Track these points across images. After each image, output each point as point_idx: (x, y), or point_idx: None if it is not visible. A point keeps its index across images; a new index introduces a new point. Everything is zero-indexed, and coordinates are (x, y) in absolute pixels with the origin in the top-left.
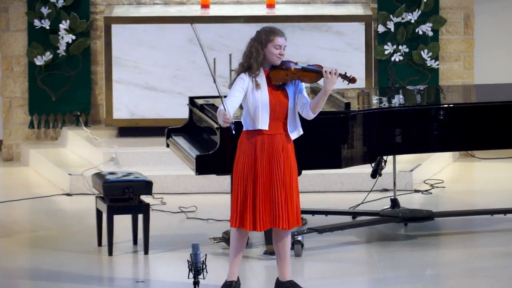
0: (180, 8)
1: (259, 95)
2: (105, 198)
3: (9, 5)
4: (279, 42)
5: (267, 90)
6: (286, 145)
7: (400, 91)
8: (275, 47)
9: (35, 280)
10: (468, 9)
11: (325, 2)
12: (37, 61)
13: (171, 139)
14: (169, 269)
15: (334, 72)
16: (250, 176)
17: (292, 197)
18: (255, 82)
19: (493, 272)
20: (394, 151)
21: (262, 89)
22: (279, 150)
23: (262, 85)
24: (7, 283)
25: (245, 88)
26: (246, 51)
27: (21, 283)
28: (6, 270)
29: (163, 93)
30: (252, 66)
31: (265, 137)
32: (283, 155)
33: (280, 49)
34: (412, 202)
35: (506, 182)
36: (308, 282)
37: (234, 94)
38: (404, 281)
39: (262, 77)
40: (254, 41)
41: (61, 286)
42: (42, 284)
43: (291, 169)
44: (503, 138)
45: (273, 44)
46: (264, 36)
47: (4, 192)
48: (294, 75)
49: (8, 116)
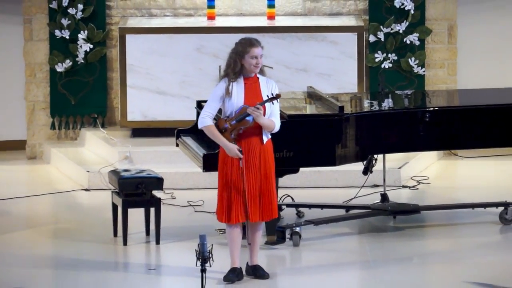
0: (188, 19)
1: (235, 101)
2: (120, 193)
3: (32, 16)
4: (255, 53)
5: (243, 97)
6: (262, 147)
7: (389, 96)
8: (252, 58)
9: (57, 267)
10: (452, 20)
11: (321, 14)
12: (58, 68)
13: (180, 139)
14: (179, 257)
15: (257, 107)
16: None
17: (269, 192)
18: (230, 89)
19: (474, 260)
20: (383, 150)
21: (238, 96)
22: (256, 151)
23: (239, 92)
24: (32, 270)
25: (222, 96)
26: (226, 61)
27: (45, 270)
28: (31, 258)
29: (172, 97)
30: (229, 75)
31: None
32: (260, 156)
33: (257, 59)
34: (400, 197)
35: (486, 179)
36: (306, 269)
37: (213, 104)
38: (392, 269)
39: (241, 85)
40: (233, 52)
41: (81, 272)
42: (64, 271)
43: (267, 167)
44: (483, 138)
45: (249, 55)
46: (241, 48)
47: (28, 188)
48: (235, 128)
49: (31, 118)
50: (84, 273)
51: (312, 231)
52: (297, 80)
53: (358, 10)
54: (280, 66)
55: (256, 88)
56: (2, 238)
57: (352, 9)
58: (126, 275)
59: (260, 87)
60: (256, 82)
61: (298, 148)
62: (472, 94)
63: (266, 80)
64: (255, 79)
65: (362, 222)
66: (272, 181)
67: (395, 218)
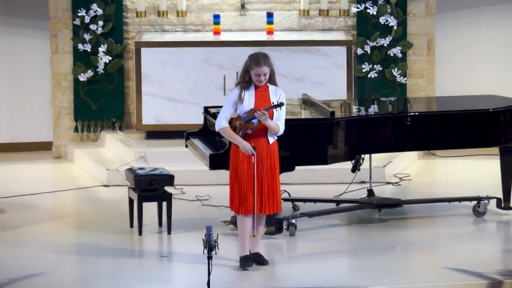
0: (197, 34)
1: (246, 106)
2: (135, 189)
3: (58, 32)
4: (257, 72)
5: (253, 103)
6: (268, 147)
7: (375, 102)
8: (255, 75)
9: (80, 254)
10: (430, 35)
11: (314, 29)
12: (81, 77)
13: (189, 141)
14: (188, 246)
15: (263, 112)
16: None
17: (274, 188)
18: (242, 96)
19: (450, 249)
20: (370, 150)
21: (249, 102)
22: (264, 151)
23: (250, 98)
24: (57, 258)
25: (235, 101)
26: (241, 70)
27: (68, 257)
28: (56, 246)
29: (182, 104)
30: (241, 84)
31: (250, 139)
32: (267, 155)
33: (259, 77)
34: (384, 192)
35: (461, 176)
36: (301, 256)
37: (227, 109)
38: (377, 256)
39: (252, 92)
40: (244, 64)
41: (100, 259)
42: (85, 258)
43: (273, 166)
44: (458, 140)
45: (253, 72)
46: (248, 63)
47: (54, 184)
48: (243, 128)
49: (57, 122)
50: (104, 260)
51: (306, 223)
52: (293, 88)
53: (347, 26)
54: (278, 76)
55: (266, 96)
56: (31, 229)
57: (342, 25)
58: (141, 261)
59: (270, 95)
60: (266, 90)
61: (294, 148)
62: (448, 100)
63: (275, 89)
64: (265, 87)
65: (351, 215)
66: (277, 178)
67: (380, 211)
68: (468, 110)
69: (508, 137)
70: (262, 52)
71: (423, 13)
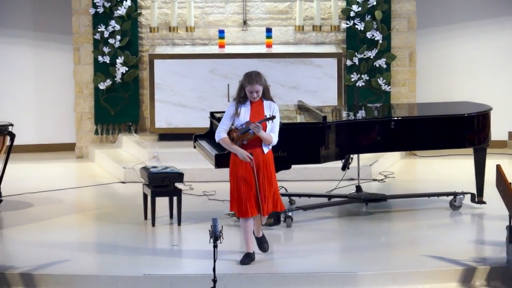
0: (204, 47)
1: (242, 119)
2: (149, 185)
3: (80, 45)
4: (251, 89)
5: (249, 117)
6: (263, 156)
7: (362, 108)
8: (248, 91)
9: (99, 243)
10: (412, 48)
11: (308, 43)
12: (100, 86)
13: (197, 142)
14: (195, 236)
15: (257, 125)
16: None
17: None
18: (238, 111)
19: (429, 239)
20: (358, 151)
21: (245, 115)
22: (259, 159)
23: (246, 112)
24: (78, 246)
25: (232, 115)
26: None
27: (89, 246)
28: (78, 236)
29: (191, 109)
30: (237, 99)
31: (246, 149)
32: (262, 162)
33: (252, 93)
34: (371, 188)
35: (439, 174)
36: (296, 246)
37: (225, 121)
38: (365, 245)
39: (247, 107)
40: (240, 82)
41: (118, 248)
42: (104, 246)
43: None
44: (437, 141)
45: (247, 89)
46: (243, 81)
47: (77, 181)
48: (240, 139)
49: (79, 126)
50: (121, 248)
51: (301, 215)
52: (290, 96)
53: (338, 40)
54: (276, 84)
55: (260, 110)
56: (56, 221)
57: (333, 39)
58: (154, 249)
59: (264, 109)
60: (260, 105)
61: (290, 149)
62: (428, 106)
63: (269, 103)
64: (259, 102)
65: (341, 208)
66: (273, 182)
67: (367, 205)
68: (445, 115)
69: (481, 139)
70: (255, 71)
71: (405, 29)
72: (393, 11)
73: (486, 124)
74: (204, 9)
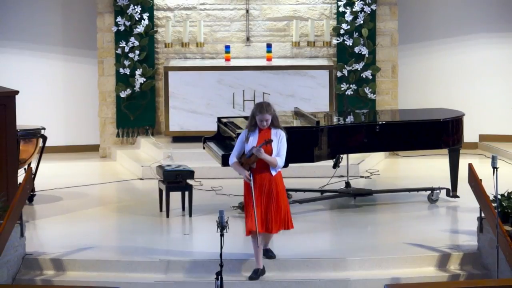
0: (212, 60)
1: (250, 145)
2: (164, 181)
3: (104, 59)
4: (261, 118)
5: (256, 142)
6: (271, 178)
7: (351, 113)
8: (259, 120)
9: (120, 232)
10: (394, 61)
11: (303, 57)
12: (122, 94)
13: (206, 144)
14: (205, 226)
15: (258, 148)
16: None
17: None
18: (248, 138)
19: (410, 229)
20: (347, 151)
21: (253, 142)
22: (266, 180)
23: (254, 139)
24: (101, 235)
25: (243, 141)
26: (249, 116)
27: (111, 235)
28: (101, 227)
29: (201, 115)
30: (248, 127)
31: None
32: (270, 183)
33: (262, 122)
34: (359, 184)
35: (418, 171)
36: (293, 235)
37: (237, 148)
38: (353, 235)
39: (256, 134)
40: (252, 111)
41: (136, 236)
42: (125, 235)
43: (278, 192)
44: (417, 143)
45: (257, 118)
46: (254, 110)
47: (100, 177)
48: (247, 163)
49: (103, 129)
50: (139, 236)
51: (297, 208)
52: (287, 103)
53: (329, 54)
54: (275, 93)
55: (268, 136)
56: (82, 213)
57: (325, 53)
58: (168, 237)
59: (271, 136)
60: (268, 132)
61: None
62: (409, 112)
63: (277, 131)
64: (267, 129)
65: (332, 202)
66: (281, 202)
67: (355, 199)
68: (424, 120)
69: (455, 141)
70: (266, 101)
71: (388, 44)
72: (378, 29)
73: (460, 128)
74: (212, 27)
